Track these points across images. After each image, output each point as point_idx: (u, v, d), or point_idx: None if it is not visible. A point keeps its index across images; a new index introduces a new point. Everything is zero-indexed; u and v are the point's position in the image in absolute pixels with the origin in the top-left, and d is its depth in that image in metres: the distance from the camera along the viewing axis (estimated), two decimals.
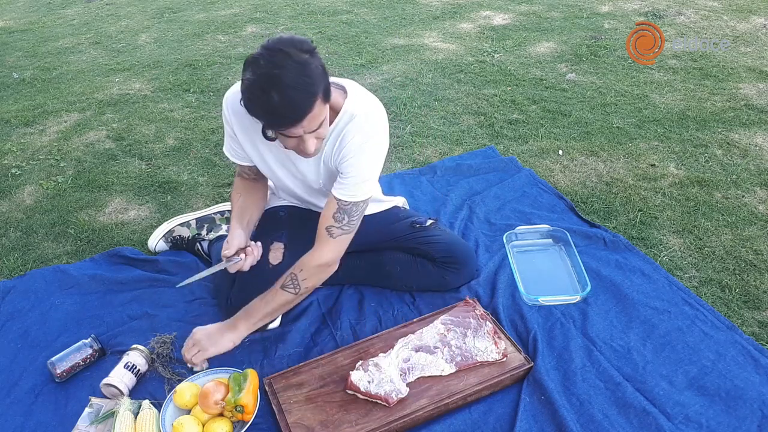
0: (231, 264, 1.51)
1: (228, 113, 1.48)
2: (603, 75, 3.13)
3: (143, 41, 4.11)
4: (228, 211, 2.03)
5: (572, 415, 1.38)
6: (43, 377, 1.58)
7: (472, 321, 1.58)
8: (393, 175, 2.35)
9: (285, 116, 1.22)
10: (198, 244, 1.97)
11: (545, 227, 1.95)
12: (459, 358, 1.49)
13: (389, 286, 1.78)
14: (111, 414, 1.44)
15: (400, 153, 2.54)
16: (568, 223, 2.02)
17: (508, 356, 1.51)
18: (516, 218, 2.07)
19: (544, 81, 3.10)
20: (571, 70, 3.20)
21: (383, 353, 1.50)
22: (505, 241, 1.90)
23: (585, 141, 2.55)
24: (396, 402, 1.40)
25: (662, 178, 2.28)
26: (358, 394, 1.42)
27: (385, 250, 1.77)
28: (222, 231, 1.97)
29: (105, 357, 1.62)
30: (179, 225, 2.01)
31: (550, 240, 1.94)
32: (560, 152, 2.48)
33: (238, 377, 1.43)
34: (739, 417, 1.38)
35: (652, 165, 2.36)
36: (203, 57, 3.70)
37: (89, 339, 1.62)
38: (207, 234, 1.97)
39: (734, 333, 1.58)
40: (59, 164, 2.62)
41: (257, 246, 1.57)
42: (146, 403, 1.45)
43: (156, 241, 2.00)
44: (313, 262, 1.46)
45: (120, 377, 1.49)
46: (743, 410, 1.39)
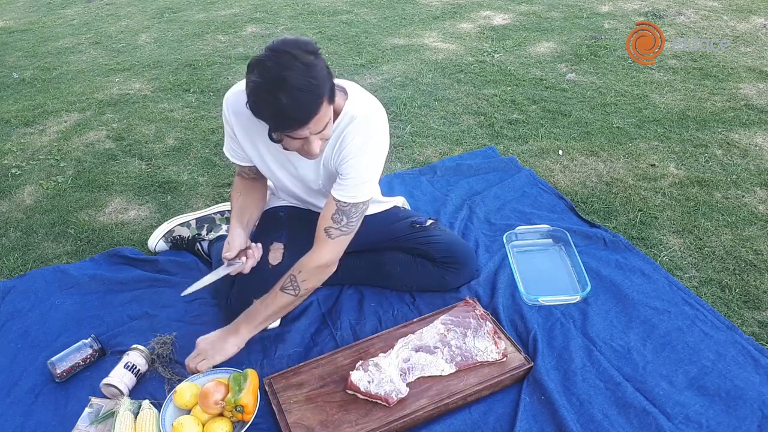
0: (232, 268, 1.51)
1: (228, 114, 1.48)
2: (603, 75, 3.13)
3: (143, 41, 4.11)
4: (228, 211, 2.03)
5: (572, 415, 1.38)
6: (43, 377, 1.58)
7: (472, 321, 1.58)
8: (393, 175, 2.35)
9: (293, 118, 1.22)
10: (198, 244, 1.97)
11: (545, 227, 1.95)
12: (459, 358, 1.49)
13: (389, 286, 1.78)
14: (111, 414, 1.44)
15: (400, 153, 2.54)
16: (568, 223, 2.02)
17: (508, 356, 1.51)
18: (516, 218, 2.07)
19: (544, 81, 3.10)
20: (571, 70, 3.20)
21: (383, 353, 1.50)
22: (505, 241, 1.90)
23: (585, 141, 2.55)
24: (396, 402, 1.40)
25: (662, 178, 2.28)
26: (358, 394, 1.42)
27: (385, 250, 1.77)
28: (222, 231, 1.97)
29: (105, 357, 1.62)
30: (179, 225, 2.01)
31: (550, 240, 1.94)
32: (560, 152, 2.48)
33: (238, 377, 1.43)
34: (739, 417, 1.38)
35: (652, 165, 2.36)
36: (203, 57, 3.70)
37: (89, 339, 1.62)
38: (207, 234, 1.97)
39: (734, 333, 1.58)
40: (59, 164, 2.62)
41: (258, 247, 1.57)
42: (146, 403, 1.45)
43: (156, 241, 2.00)
44: (312, 264, 1.46)
45: (120, 377, 1.49)
46: (743, 410, 1.39)
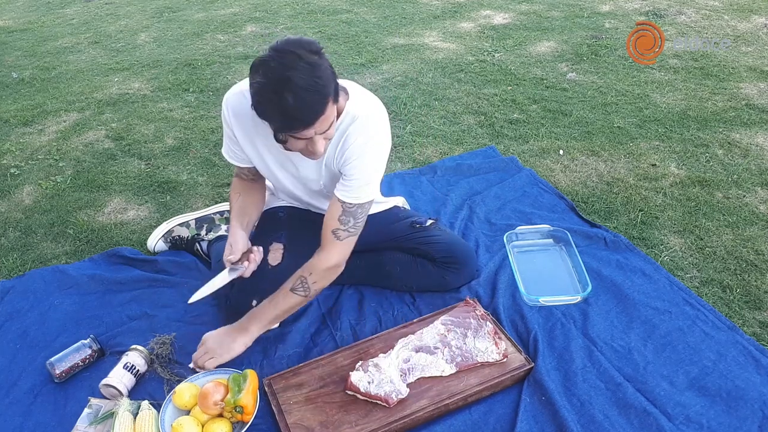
0: (237, 273, 1.51)
1: (228, 114, 1.47)
2: (604, 74, 3.13)
3: (142, 41, 4.11)
4: (227, 212, 2.02)
5: (573, 416, 1.38)
6: (42, 377, 1.57)
7: (473, 321, 1.58)
8: (393, 175, 2.34)
9: (299, 119, 1.21)
10: (197, 245, 1.97)
11: (546, 227, 1.95)
12: (459, 359, 1.49)
13: (389, 287, 1.78)
14: (110, 414, 1.43)
15: (400, 153, 2.53)
16: (569, 223, 2.02)
17: (509, 357, 1.50)
18: (516, 218, 2.07)
19: (545, 80, 3.10)
20: (572, 70, 3.20)
21: (383, 354, 1.50)
22: (506, 241, 1.90)
23: (586, 141, 2.55)
24: (396, 402, 1.40)
25: (663, 178, 2.27)
26: (358, 395, 1.42)
27: (385, 251, 1.76)
28: (221, 231, 1.96)
29: (104, 357, 1.62)
30: (178, 225, 2.00)
31: (551, 240, 1.94)
32: (561, 152, 2.47)
33: (238, 378, 1.42)
34: (740, 417, 1.37)
35: (653, 165, 2.36)
36: (203, 56, 3.69)
37: (88, 339, 1.61)
38: (206, 234, 1.96)
39: (735, 333, 1.58)
40: (58, 164, 2.62)
41: (259, 251, 1.56)
42: (145, 404, 1.44)
43: (155, 241, 2.00)
44: (322, 265, 1.46)
45: (119, 378, 1.49)
46: (744, 411, 1.39)
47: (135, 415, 1.42)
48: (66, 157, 2.66)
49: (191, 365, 1.55)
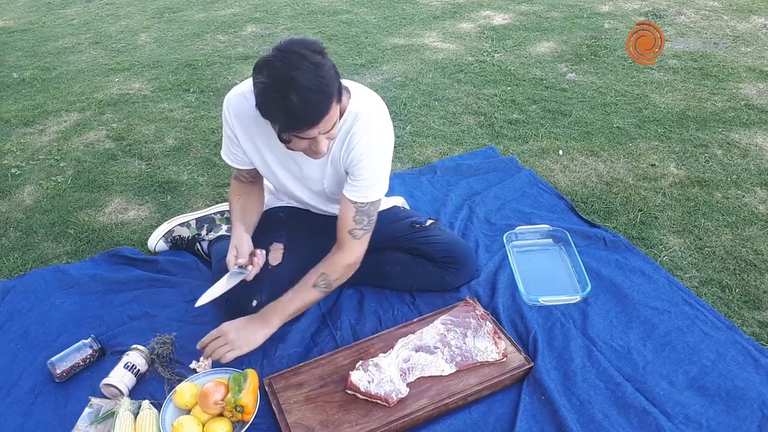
0: (243, 276, 1.50)
1: (229, 116, 1.46)
2: (603, 75, 3.13)
3: (143, 41, 4.11)
4: (227, 212, 2.03)
5: (572, 415, 1.38)
6: (43, 377, 1.58)
7: (472, 321, 1.58)
8: (393, 175, 2.35)
9: (304, 118, 1.21)
10: (198, 244, 1.97)
11: (545, 227, 1.95)
12: (459, 358, 1.49)
13: (389, 286, 1.78)
14: (111, 414, 1.44)
15: (400, 153, 2.54)
16: (568, 223, 2.02)
17: (508, 356, 1.51)
18: (516, 218, 2.07)
19: (545, 81, 3.10)
20: (572, 70, 3.20)
21: (383, 353, 1.50)
22: (505, 241, 1.90)
23: (585, 141, 2.55)
24: (396, 402, 1.40)
25: (662, 178, 2.28)
26: (358, 394, 1.42)
27: (385, 250, 1.77)
28: (222, 231, 1.97)
29: (105, 357, 1.62)
30: (179, 225, 2.01)
31: (550, 240, 1.94)
32: (560, 152, 2.48)
33: (238, 377, 1.43)
34: (740, 417, 1.38)
35: (653, 165, 2.36)
36: (203, 57, 3.70)
37: (89, 339, 1.62)
38: (207, 234, 1.97)
39: (734, 333, 1.58)
40: (59, 164, 2.62)
41: (262, 254, 1.56)
42: (146, 403, 1.45)
43: (156, 241, 2.00)
44: (343, 263, 1.49)
45: (120, 377, 1.49)
46: (743, 410, 1.39)
47: (136, 415, 1.42)
48: (67, 157, 2.67)
49: (203, 358, 1.52)
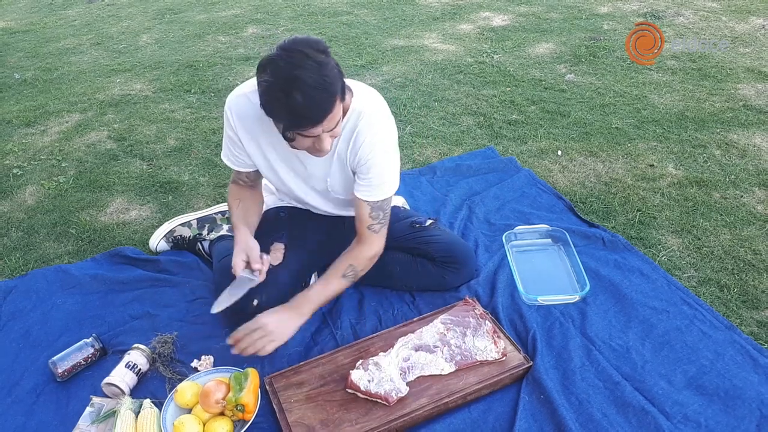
0: (255, 282, 1.49)
1: (232, 117, 1.46)
2: (602, 76, 3.14)
3: (144, 42, 4.12)
4: (227, 211, 2.03)
5: (571, 414, 1.39)
6: (45, 377, 1.58)
7: (472, 320, 1.59)
8: None
9: (307, 117, 1.22)
10: (199, 244, 1.98)
11: (544, 227, 1.96)
12: (458, 358, 1.50)
13: (389, 286, 1.79)
14: (112, 413, 1.44)
15: (400, 153, 2.52)
16: (567, 223, 2.03)
17: (508, 355, 1.51)
18: (515, 218, 2.08)
19: (544, 82, 3.11)
20: (570, 71, 3.21)
21: (383, 352, 1.51)
22: (505, 241, 1.91)
23: (584, 141, 2.56)
24: (396, 401, 1.41)
25: (661, 179, 2.28)
26: (359, 393, 1.43)
27: (385, 250, 1.76)
28: (223, 231, 1.97)
29: (106, 356, 1.63)
30: (180, 225, 2.02)
31: (549, 240, 1.95)
32: (559, 152, 2.48)
33: (239, 376, 1.43)
34: (738, 416, 1.38)
35: (651, 165, 2.37)
36: (204, 58, 3.71)
37: (90, 338, 1.62)
38: (208, 234, 1.97)
39: (733, 332, 1.59)
40: (61, 164, 2.63)
41: (267, 259, 1.55)
42: (147, 403, 1.45)
43: (157, 241, 2.01)
44: (367, 255, 1.53)
45: (121, 376, 1.50)
46: (742, 409, 1.40)
47: (137, 414, 1.43)
48: (68, 158, 2.68)
49: (235, 351, 1.44)
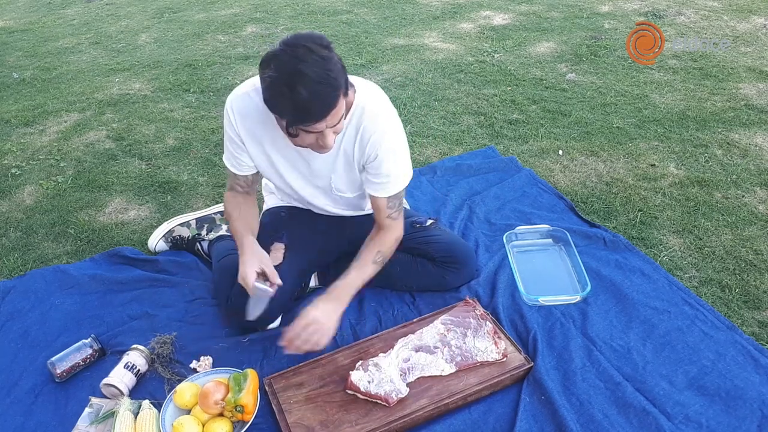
0: (270, 293, 1.46)
1: (234, 117, 1.44)
2: (603, 75, 3.13)
3: (143, 41, 4.12)
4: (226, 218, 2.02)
5: (572, 415, 1.38)
6: (43, 377, 1.58)
7: (472, 321, 1.58)
8: None
9: (312, 112, 1.21)
10: (198, 244, 1.97)
11: (545, 227, 1.95)
12: (459, 358, 1.49)
13: (389, 286, 1.78)
14: (111, 414, 1.44)
15: None
16: (568, 223, 2.02)
17: (508, 356, 1.51)
18: (516, 218, 2.07)
19: (544, 81, 3.10)
20: (571, 70, 3.20)
21: (383, 353, 1.50)
22: (505, 241, 1.90)
23: (585, 141, 2.55)
24: (396, 402, 1.40)
25: (662, 178, 2.28)
26: (358, 394, 1.42)
27: None
28: (222, 231, 1.97)
29: (105, 357, 1.63)
30: (179, 225, 2.01)
31: (550, 240, 1.94)
32: (560, 152, 2.48)
33: (238, 377, 1.43)
34: (739, 417, 1.38)
35: (652, 165, 2.36)
36: (203, 57, 3.70)
37: (89, 339, 1.62)
38: (207, 234, 1.97)
39: (734, 333, 1.58)
40: (59, 164, 2.62)
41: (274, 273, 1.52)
42: (146, 403, 1.45)
43: (156, 241, 2.00)
44: (391, 239, 1.54)
45: (120, 377, 1.49)
46: (743, 410, 1.39)
47: (136, 415, 1.42)
48: (67, 158, 2.67)
49: (287, 351, 1.41)
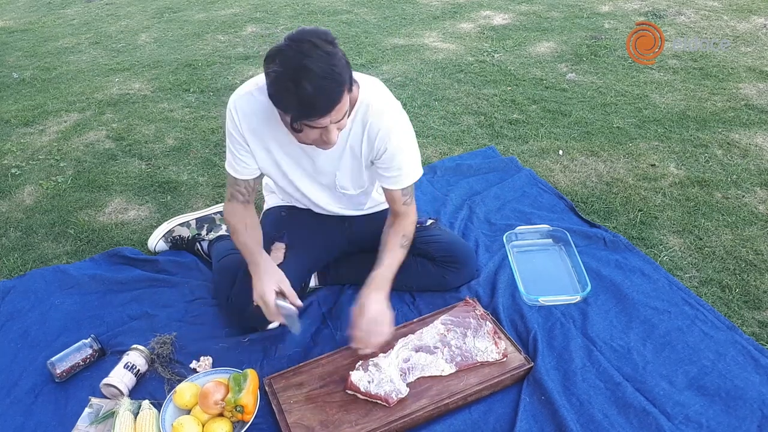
0: (295, 315, 1.47)
1: (237, 117, 1.43)
2: (603, 75, 3.13)
3: (143, 41, 4.11)
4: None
5: (572, 415, 1.38)
6: (43, 377, 1.58)
7: (472, 321, 1.58)
8: None
9: (317, 106, 1.21)
10: (198, 244, 1.97)
11: (545, 227, 1.95)
12: (459, 358, 1.49)
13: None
14: (111, 414, 1.44)
15: None
16: (568, 223, 2.02)
17: (508, 356, 1.51)
18: (516, 218, 2.07)
19: (544, 81, 3.10)
20: (571, 70, 3.20)
21: (383, 353, 1.50)
22: (505, 241, 1.90)
23: (585, 141, 2.55)
24: (396, 402, 1.40)
25: (662, 178, 2.28)
26: (358, 394, 1.42)
27: None
28: (222, 231, 1.97)
29: (105, 357, 1.62)
30: (179, 225, 2.01)
31: (550, 240, 1.94)
32: (560, 152, 2.48)
33: (238, 377, 1.43)
34: (739, 417, 1.38)
35: (653, 165, 2.36)
36: (203, 57, 3.70)
37: (89, 339, 1.62)
38: (207, 234, 1.97)
39: (734, 333, 1.58)
40: (59, 164, 2.62)
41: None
42: (146, 403, 1.45)
43: (156, 241, 2.00)
44: (410, 223, 1.57)
45: (120, 377, 1.49)
46: (743, 410, 1.39)
47: (136, 415, 1.42)
48: (67, 158, 2.67)
49: (361, 351, 1.45)
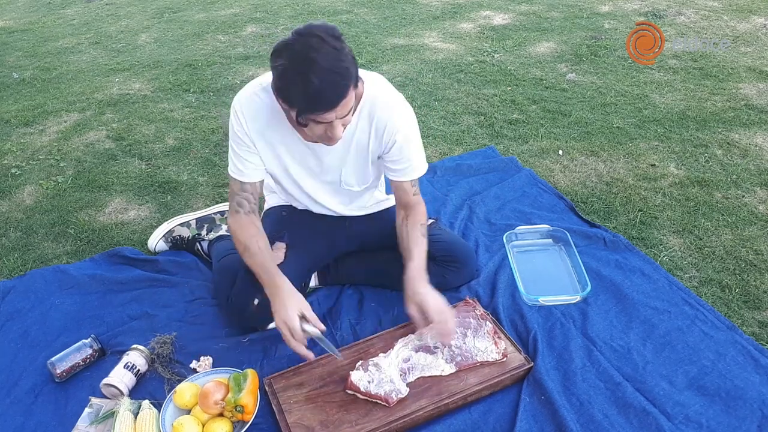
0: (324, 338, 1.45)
1: (242, 117, 1.42)
2: (603, 75, 3.13)
3: (143, 41, 4.11)
4: (227, 211, 2.02)
5: (572, 415, 1.38)
6: (43, 377, 1.58)
7: (472, 321, 1.58)
8: None
9: (323, 101, 1.21)
10: (198, 244, 1.97)
11: (545, 227, 1.95)
12: (459, 358, 1.49)
13: (389, 286, 1.78)
14: (111, 414, 1.44)
15: None
16: (568, 223, 2.02)
17: (508, 356, 1.51)
18: (516, 218, 2.07)
19: (544, 81, 3.10)
20: (571, 70, 3.20)
21: (383, 353, 1.50)
22: (505, 241, 1.90)
23: (585, 141, 2.55)
24: (396, 402, 1.40)
25: (662, 178, 2.28)
26: (358, 394, 1.42)
27: (385, 250, 1.76)
28: (222, 231, 1.97)
29: (105, 357, 1.63)
30: (179, 225, 2.01)
31: (550, 240, 1.94)
32: (560, 152, 2.48)
33: (238, 377, 1.43)
34: (739, 417, 1.38)
35: (652, 165, 2.36)
36: (203, 57, 3.70)
37: (89, 339, 1.62)
38: (207, 234, 1.97)
39: (734, 333, 1.58)
40: (59, 164, 2.62)
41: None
42: (146, 403, 1.45)
43: (156, 241, 2.00)
44: (423, 212, 1.60)
45: (120, 377, 1.49)
46: (743, 410, 1.39)
47: (136, 415, 1.42)
48: (67, 158, 2.67)
49: (439, 344, 1.50)
